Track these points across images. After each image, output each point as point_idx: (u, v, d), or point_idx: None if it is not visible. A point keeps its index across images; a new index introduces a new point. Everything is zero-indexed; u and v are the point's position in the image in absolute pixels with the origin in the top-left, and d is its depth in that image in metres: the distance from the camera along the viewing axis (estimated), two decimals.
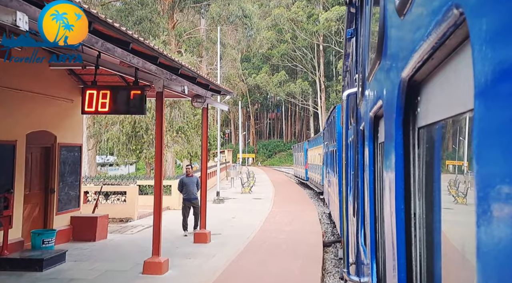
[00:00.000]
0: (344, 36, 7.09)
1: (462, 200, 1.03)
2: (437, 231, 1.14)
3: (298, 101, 74.91)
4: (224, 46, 41.17)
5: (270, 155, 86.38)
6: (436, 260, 1.17)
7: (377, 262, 2.47)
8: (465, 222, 0.95)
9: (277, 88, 71.45)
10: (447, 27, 0.81)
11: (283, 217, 17.31)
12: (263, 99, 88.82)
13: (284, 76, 71.59)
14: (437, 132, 1.13)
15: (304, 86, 70.60)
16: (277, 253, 10.77)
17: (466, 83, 0.77)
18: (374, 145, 2.53)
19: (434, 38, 0.89)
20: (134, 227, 14.38)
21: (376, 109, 2.08)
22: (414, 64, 1.09)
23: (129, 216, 15.56)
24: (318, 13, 64.17)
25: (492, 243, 0.60)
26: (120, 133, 20.41)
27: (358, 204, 3.75)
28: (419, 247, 1.29)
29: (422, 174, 1.27)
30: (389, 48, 1.59)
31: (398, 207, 1.37)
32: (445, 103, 1.00)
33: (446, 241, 1.10)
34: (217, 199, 21.59)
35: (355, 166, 4.12)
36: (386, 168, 1.61)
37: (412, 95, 1.27)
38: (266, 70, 74.68)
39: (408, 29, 1.19)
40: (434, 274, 1.19)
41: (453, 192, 1.09)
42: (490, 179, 0.61)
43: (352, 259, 4.33)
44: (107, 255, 10.31)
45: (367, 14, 2.73)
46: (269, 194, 27.28)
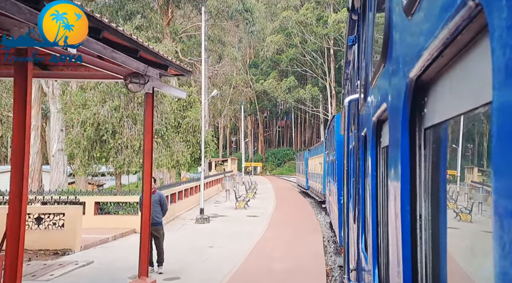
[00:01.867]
0: (345, 43, 6.70)
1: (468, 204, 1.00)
2: (444, 235, 1.13)
3: (308, 108, 70.89)
4: (224, 44, 37.15)
5: (279, 164, 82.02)
6: (442, 264, 1.15)
7: (379, 268, 2.44)
8: (474, 225, 0.95)
9: (286, 95, 67.43)
10: (461, 21, 0.79)
11: (277, 246, 12.99)
12: (272, 106, 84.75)
13: (293, 82, 67.62)
14: (444, 132, 1.13)
15: (314, 92, 66.53)
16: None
17: (479, 78, 0.76)
18: (377, 150, 2.52)
19: (446, 34, 0.87)
20: (65, 265, 10.16)
21: (379, 113, 2.07)
22: (423, 63, 1.08)
23: (67, 247, 11.37)
24: (327, 16, 60.40)
25: (510, 246, 0.57)
26: (81, 137, 16.42)
27: (359, 210, 3.74)
28: (425, 251, 1.26)
29: (429, 175, 1.25)
30: (394, 50, 1.59)
31: (403, 209, 1.35)
32: (454, 101, 0.98)
33: (453, 245, 1.08)
34: (200, 218, 17.34)
35: (356, 172, 4.05)
36: (392, 169, 1.60)
37: (419, 96, 1.26)
38: (274, 76, 70.74)
39: (417, 28, 1.19)
40: (440, 279, 1.16)
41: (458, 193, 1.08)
42: (508, 178, 0.58)
43: (352, 265, 4.23)
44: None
45: (370, 20, 2.79)
46: (268, 209, 22.92)
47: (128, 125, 16.70)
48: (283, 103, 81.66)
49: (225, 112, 68.98)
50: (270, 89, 67.57)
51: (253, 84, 70.49)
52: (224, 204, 25.34)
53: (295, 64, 67.90)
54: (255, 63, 77.69)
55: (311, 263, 10.89)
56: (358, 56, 4.04)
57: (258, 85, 69.29)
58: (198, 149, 22.91)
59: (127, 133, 16.63)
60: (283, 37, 66.35)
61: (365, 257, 3.18)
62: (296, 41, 64.59)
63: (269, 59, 71.25)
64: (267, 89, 68.07)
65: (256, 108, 78.08)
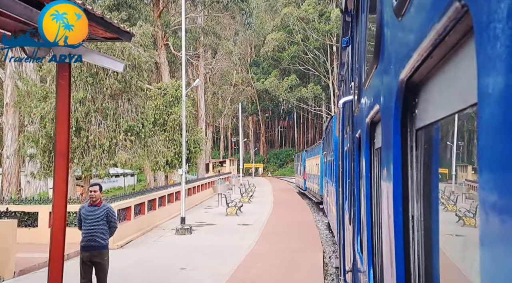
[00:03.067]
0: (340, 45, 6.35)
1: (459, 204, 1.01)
2: (436, 234, 1.13)
3: (310, 107, 68.28)
4: (219, 38, 34.54)
5: (281, 165, 79.38)
6: (434, 264, 1.15)
7: (374, 269, 2.44)
8: (465, 224, 0.96)
9: (288, 94, 64.89)
10: (448, 22, 0.79)
11: (266, 267, 10.40)
12: (274, 106, 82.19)
13: (295, 81, 65.12)
14: (435, 133, 1.12)
15: (316, 90, 63.90)
16: None
17: (467, 78, 0.76)
18: (371, 151, 2.51)
19: (434, 35, 0.88)
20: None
21: (372, 114, 2.06)
22: (413, 63, 1.08)
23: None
24: (330, 11, 57.84)
25: (495, 244, 0.58)
26: (39, 135, 13.89)
27: (355, 211, 3.76)
28: (418, 251, 1.26)
29: (420, 176, 1.25)
30: (386, 51, 1.58)
31: (396, 210, 1.34)
32: (444, 101, 0.98)
33: (445, 244, 1.08)
34: (181, 229, 14.75)
35: (351, 174, 4.10)
36: (384, 170, 1.59)
37: (410, 97, 1.26)
38: (275, 75, 68.19)
39: (406, 29, 1.19)
40: (433, 279, 1.16)
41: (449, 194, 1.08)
42: (495, 176, 0.59)
43: (348, 266, 4.29)
44: None
45: (363, 21, 2.78)
46: (263, 215, 20.32)
47: (96, 121, 14.18)
48: (285, 103, 79.12)
49: (225, 112, 66.41)
50: (272, 88, 65.08)
51: (254, 83, 68.04)
52: (216, 209, 22.77)
53: (297, 63, 65.31)
54: (256, 62, 75.20)
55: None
56: (352, 58, 4.06)
57: (259, 84, 66.83)
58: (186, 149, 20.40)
59: (95, 130, 14.12)
60: (284, 35, 63.95)
61: (361, 258, 3.15)
62: (298, 38, 62.02)
63: (270, 58, 68.79)
64: (268, 88, 65.59)
65: (258, 108, 75.52)
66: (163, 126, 20.54)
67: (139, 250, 12.48)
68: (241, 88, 65.66)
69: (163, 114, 20.27)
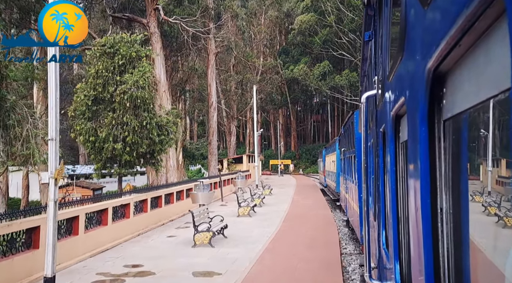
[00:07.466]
0: (362, 39, 6.09)
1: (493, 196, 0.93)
2: (466, 227, 1.06)
3: (346, 98, 59.17)
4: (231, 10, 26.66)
5: (314, 161, 70.62)
6: (464, 258, 1.07)
7: (401, 265, 2.33)
8: (496, 218, 0.89)
9: (319, 82, 56.25)
10: (479, 7, 0.76)
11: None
12: (306, 98, 73.54)
13: (328, 67, 56.43)
14: (464, 123, 1.06)
15: (352, 78, 54.87)
16: None
17: (499, 64, 0.73)
18: (396, 145, 2.39)
19: (463, 22, 0.84)
20: None
21: (397, 107, 1.99)
22: (441, 52, 1.04)
23: None
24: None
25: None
26: None
27: (379, 207, 3.66)
28: (447, 244, 1.18)
29: (449, 167, 1.19)
30: (412, 42, 1.52)
31: (424, 202, 1.28)
32: (474, 89, 0.93)
33: (475, 238, 1.01)
34: None
35: (375, 169, 4.00)
36: (411, 163, 1.52)
37: (437, 87, 1.20)
38: (305, 61, 59.68)
39: (433, 18, 1.15)
40: (463, 274, 1.07)
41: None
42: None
43: (374, 263, 4.12)
44: None
45: (387, 14, 2.70)
46: (276, 219, 12.29)
47: None
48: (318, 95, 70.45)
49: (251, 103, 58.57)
50: (301, 76, 56.72)
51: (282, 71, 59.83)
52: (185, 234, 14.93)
53: (330, 48, 56.49)
54: (286, 50, 66.97)
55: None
56: (375, 52, 3.96)
57: (287, 72, 58.61)
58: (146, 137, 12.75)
59: None
60: (315, 17, 55.44)
61: (387, 254, 3.07)
62: (331, 20, 53.25)
63: (299, 43, 60.37)
64: (297, 76, 57.24)
65: (288, 99, 67.08)
66: (111, 103, 13.04)
67: None
68: (268, 77, 57.52)
69: (108, 85, 12.77)
